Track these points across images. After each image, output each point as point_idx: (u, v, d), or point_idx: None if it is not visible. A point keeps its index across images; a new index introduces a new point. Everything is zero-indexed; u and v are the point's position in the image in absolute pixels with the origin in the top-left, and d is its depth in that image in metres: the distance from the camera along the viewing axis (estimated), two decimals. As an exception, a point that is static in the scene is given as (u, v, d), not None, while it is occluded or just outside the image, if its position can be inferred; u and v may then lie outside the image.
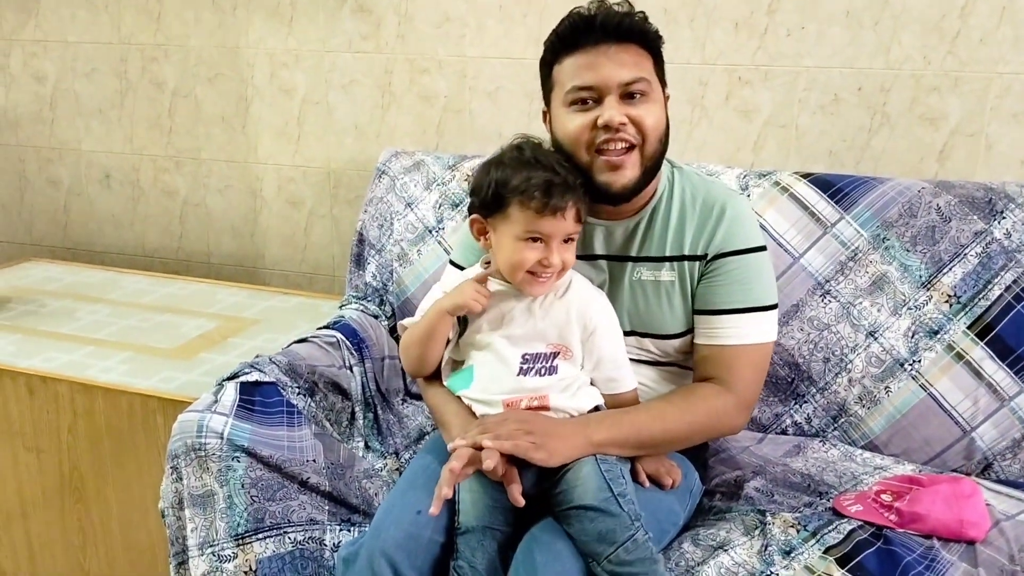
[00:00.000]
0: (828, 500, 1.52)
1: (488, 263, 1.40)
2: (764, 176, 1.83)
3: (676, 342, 1.44)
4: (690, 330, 1.44)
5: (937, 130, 1.90)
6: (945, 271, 1.69)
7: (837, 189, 1.77)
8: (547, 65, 1.41)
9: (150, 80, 2.52)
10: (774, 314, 1.42)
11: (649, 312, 1.43)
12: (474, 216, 1.37)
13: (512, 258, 1.32)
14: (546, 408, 1.34)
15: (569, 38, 1.35)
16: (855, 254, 1.74)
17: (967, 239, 1.69)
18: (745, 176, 1.84)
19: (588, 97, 1.33)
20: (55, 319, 2.18)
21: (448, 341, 1.42)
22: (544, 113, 1.44)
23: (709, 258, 1.40)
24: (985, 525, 1.37)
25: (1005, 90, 1.83)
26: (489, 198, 1.32)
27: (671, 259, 1.42)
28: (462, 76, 2.20)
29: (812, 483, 1.58)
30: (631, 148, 1.33)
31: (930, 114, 1.89)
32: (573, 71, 1.34)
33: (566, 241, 1.32)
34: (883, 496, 1.45)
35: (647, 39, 1.36)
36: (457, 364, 1.43)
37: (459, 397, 1.40)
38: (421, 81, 2.24)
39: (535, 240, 1.30)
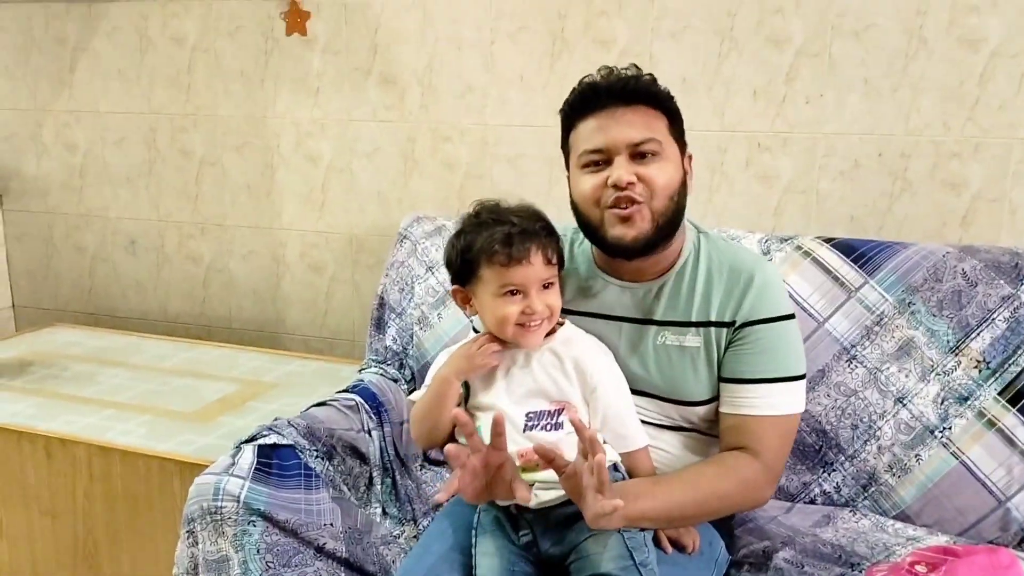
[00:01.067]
0: (860, 571, 1.47)
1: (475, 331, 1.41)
2: (786, 240, 1.82)
3: (700, 409, 1.41)
4: (715, 397, 1.41)
5: (959, 196, 1.89)
6: (973, 336, 1.67)
7: (860, 253, 1.76)
8: (565, 132, 1.43)
9: (178, 149, 2.57)
10: (803, 384, 1.39)
11: (673, 377, 1.40)
12: (454, 288, 1.39)
13: (496, 315, 1.32)
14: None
15: (579, 105, 1.38)
16: (881, 319, 1.72)
17: (994, 304, 1.67)
18: (767, 240, 1.83)
19: (599, 159, 1.35)
20: (76, 383, 2.19)
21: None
22: (568, 178, 1.45)
23: (737, 325, 1.38)
24: (1026, 598, 1.31)
25: (1027, 155, 1.83)
26: (460, 266, 1.36)
27: (697, 324, 1.39)
28: (483, 143, 2.23)
29: (843, 554, 1.53)
30: (640, 204, 1.34)
31: (952, 180, 1.89)
32: (585, 135, 1.37)
33: (546, 287, 1.33)
34: (918, 567, 1.40)
35: (657, 100, 1.37)
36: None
37: None
38: (443, 149, 2.28)
39: (512, 293, 1.31)
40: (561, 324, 1.40)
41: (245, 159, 2.50)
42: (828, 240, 1.81)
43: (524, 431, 1.31)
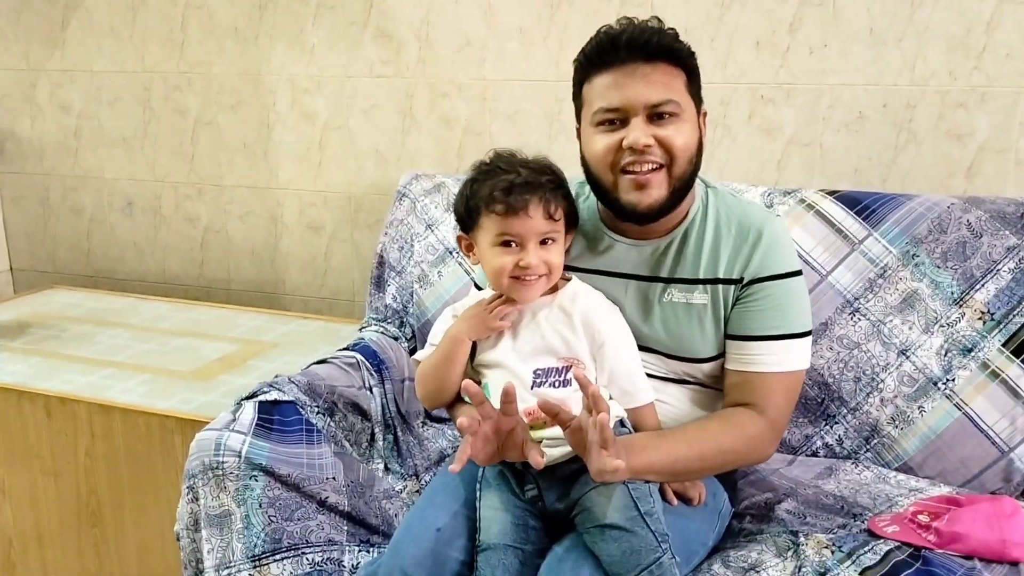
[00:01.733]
0: (863, 522, 1.47)
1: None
2: (789, 194, 1.80)
3: (706, 366, 1.40)
4: (721, 354, 1.40)
5: (965, 146, 1.87)
6: (978, 287, 1.65)
7: (864, 206, 1.74)
8: (577, 84, 1.38)
9: (173, 108, 2.54)
10: (808, 341, 1.39)
11: (680, 335, 1.39)
12: (459, 234, 1.38)
13: (493, 265, 1.31)
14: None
15: (596, 57, 1.32)
16: (884, 271, 1.70)
17: (999, 254, 1.65)
18: (770, 194, 1.81)
19: (615, 118, 1.31)
20: (75, 343, 2.18)
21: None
22: (577, 131, 1.42)
23: (745, 282, 1.36)
24: (1029, 545, 1.31)
25: (1034, 105, 1.80)
26: (464, 213, 1.34)
27: (704, 282, 1.37)
28: (482, 99, 2.20)
29: (845, 505, 1.53)
30: (659, 168, 1.31)
31: (957, 130, 1.86)
32: (601, 91, 1.32)
33: (545, 242, 1.30)
34: (920, 517, 1.40)
35: (679, 57, 1.32)
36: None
37: None
38: (441, 105, 2.24)
39: (508, 244, 1.29)
40: (567, 280, 1.38)
41: (241, 118, 2.47)
42: (832, 193, 1.79)
43: (532, 388, 1.30)
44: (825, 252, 1.73)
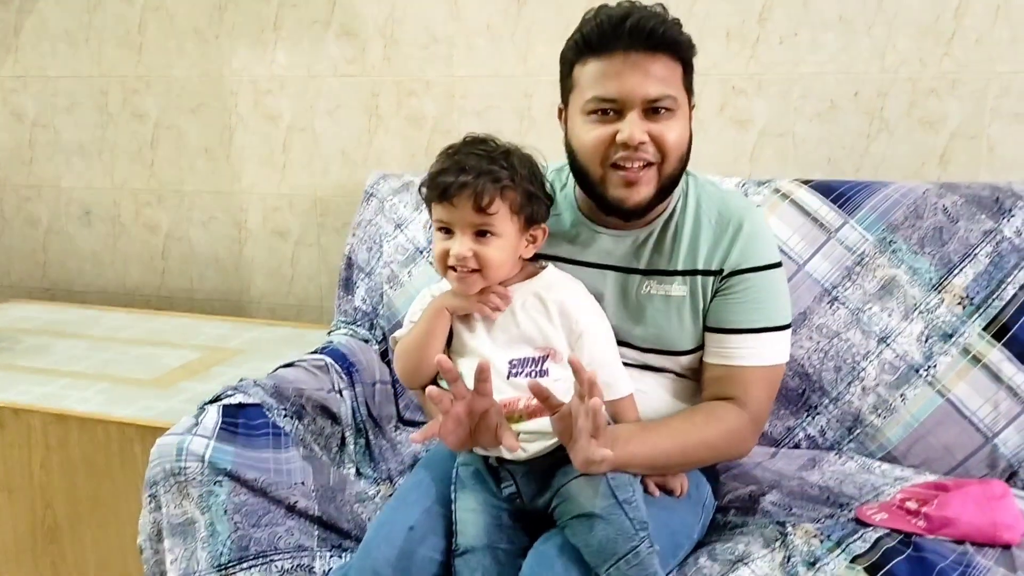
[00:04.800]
0: (849, 511, 1.43)
1: None
2: (763, 184, 1.78)
3: (684, 359, 1.37)
4: (700, 347, 1.36)
5: (937, 133, 1.86)
6: (956, 272, 1.63)
7: (839, 194, 1.72)
8: (568, 64, 1.31)
9: (131, 113, 2.47)
10: (788, 334, 1.35)
11: (657, 327, 1.35)
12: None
13: (434, 251, 1.28)
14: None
15: (596, 40, 1.25)
16: (861, 258, 1.68)
17: (976, 239, 1.64)
18: (744, 185, 1.79)
19: (609, 108, 1.25)
20: (30, 355, 2.09)
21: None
22: (560, 110, 1.36)
23: (724, 274, 1.32)
24: (1020, 527, 1.29)
25: (1004, 90, 1.80)
26: (423, 193, 1.29)
27: (683, 273, 1.34)
28: (450, 96, 2.16)
29: (831, 495, 1.49)
30: (649, 165, 1.26)
31: (929, 117, 1.86)
32: (595, 77, 1.25)
33: (483, 234, 1.23)
34: (908, 503, 1.37)
35: (679, 49, 1.27)
36: None
37: None
38: (408, 103, 2.20)
39: (445, 231, 1.25)
40: (543, 268, 1.34)
41: (202, 121, 2.40)
42: (806, 182, 1.76)
43: (508, 378, 1.26)
44: (801, 241, 1.71)
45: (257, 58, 2.30)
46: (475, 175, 1.21)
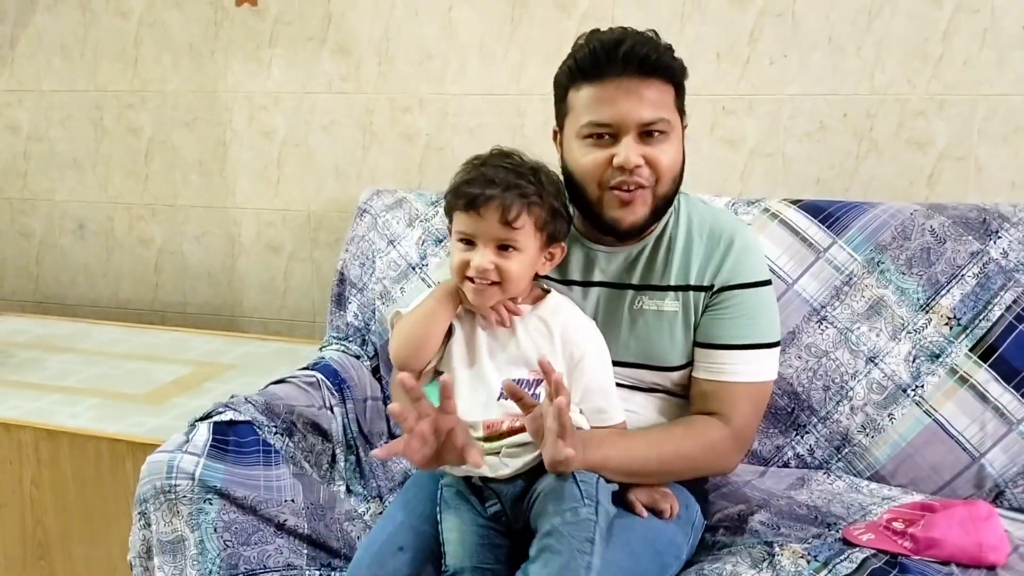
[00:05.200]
0: (837, 531, 1.44)
1: None
2: (753, 203, 1.79)
3: (675, 374, 1.38)
4: (690, 363, 1.37)
5: (925, 154, 1.88)
6: (943, 293, 1.65)
7: (828, 214, 1.74)
8: (562, 88, 1.33)
9: (126, 127, 2.48)
10: (776, 352, 1.37)
11: (650, 342, 1.36)
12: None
13: (452, 260, 1.27)
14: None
15: (589, 66, 1.27)
16: (850, 279, 1.69)
17: (963, 260, 1.65)
18: (734, 204, 1.80)
19: (604, 132, 1.27)
20: (21, 369, 2.10)
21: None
22: (555, 132, 1.38)
23: (715, 289, 1.34)
24: (1005, 549, 1.30)
25: (992, 111, 1.82)
26: (445, 203, 1.29)
27: (675, 289, 1.35)
28: (443, 114, 2.18)
29: (819, 515, 1.50)
30: (644, 187, 1.28)
31: (917, 138, 1.87)
32: (590, 102, 1.28)
33: (506, 248, 1.23)
34: (895, 524, 1.38)
35: (672, 73, 1.29)
36: (438, 373, 1.34)
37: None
38: (402, 120, 2.21)
39: (466, 242, 1.25)
40: (547, 292, 1.34)
41: (196, 136, 2.41)
42: (795, 202, 1.78)
43: (499, 399, 1.26)
44: (791, 261, 1.72)
45: (252, 74, 2.31)
46: (503, 188, 1.22)
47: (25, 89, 2.55)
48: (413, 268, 1.97)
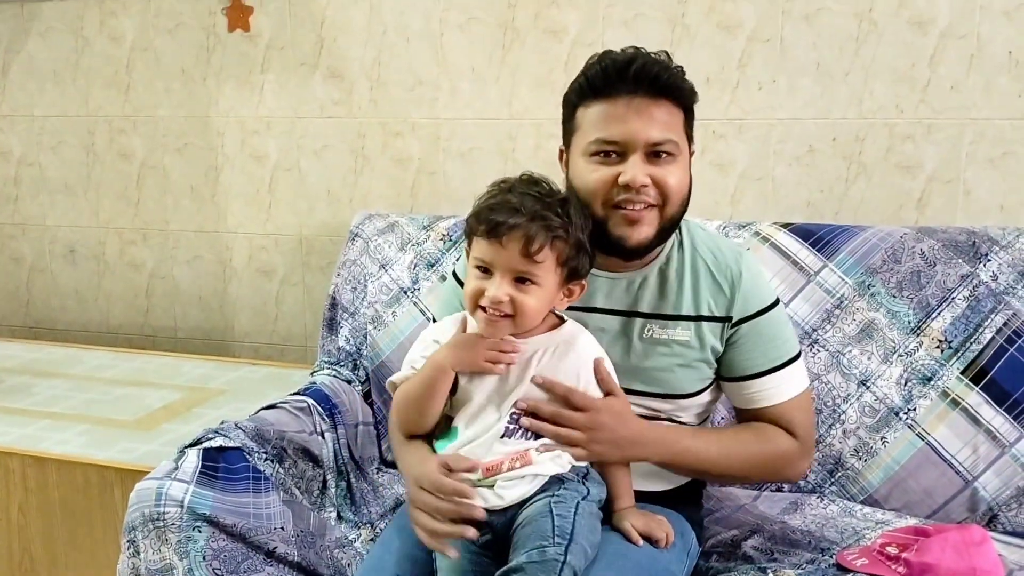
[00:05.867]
0: (831, 556, 1.43)
1: None
2: (744, 227, 1.80)
3: (685, 402, 1.37)
4: (703, 390, 1.38)
5: (914, 178, 1.89)
6: (934, 316, 1.65)
7: (818, 237, 1.75)
8: (571, 106, 1.33)
9: (118, 152, 2.48)
10: (802, 360, 1.41)
11: (659, 370, 1.35)
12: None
13: (467, 288, 1.23)
14: (529, 463, 1.25)
15: (600, 84, 1.27)
16: (841, 302, 1.70)
17: (953, 283, 1.66)
18: (725, 228, 1.81)
19: (611, 150, 1.26)
20: (9, 395, 2.08)
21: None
22: (561, 152, 1.38)
23: (734, 322, 1.35)
24: (999, 573, 1.29)
25: (979, 136, 1.83)
26: (466, 226, 1.26)
27: (687, 318, 1.35)
28: (435, 138, 2.18)
29: (813, 540, 1.49)
30: (650, 206, 1.28)
31: (906, 162, 1.89)
32: (598, 120, 1.27)
33: (523, 281, 1.20)
34: (889, 548, 1.37)
35: (682, 95, 1.30)
36: (447, 419, 1.30)
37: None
38: (394, 144, 2.22)
39: (483, 270, 1.21)
40: (563, 321, 1.31)
41: (188, 161, 2.41)
42: (785, 225, 1.79)
43: (502, 437, 1.23)
44: (782, 284, 1.73)
45: (244, 99, 2.32)
46: (529, 218, 1.17)
47: (17, 114, 2.55)
48: (405, 292, 1.97)
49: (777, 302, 1.39)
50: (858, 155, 1.91)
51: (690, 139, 1.33)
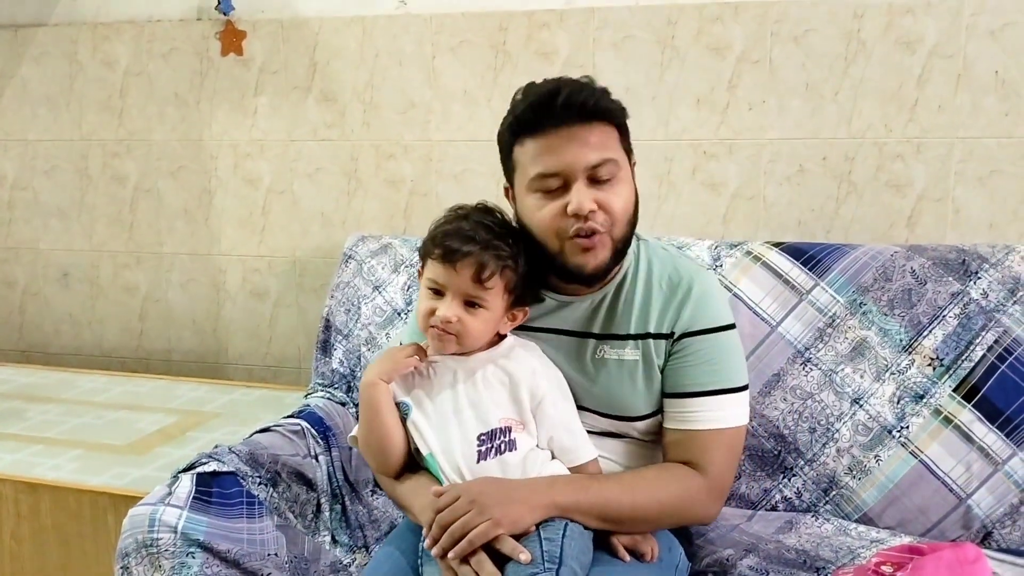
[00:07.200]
0: (826, 575, 1.43)
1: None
2: (736, 246, 1.81)
3: (640, 424, 1.37)
4: (656, 412, 1.37)
5: (904, 196, 1.90)
6: (925, 334, 1.66)
7: (810, 256, 1.75)
8: (506, 144, 1.35)
9: (111, 176, 2.49)
10: (746, 395, 1.36)
11: (611, 392, 1.36)
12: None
13: (419, 308, 1.31)
14: None
15: (530, 120, 1.29)
16: (833, 320, 1.70)
17: (944, 301, 1.66)
18: (717, 247, 1.82)
19: (553, 184, 1.28)
20: (2, 420, 2.08)
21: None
22: (506, 189, 1.39)
23: (676, 337, 1.34)
24: (994, 592, 1.29)
25: (968, 154, 1.85)
26: (421, 249, 1.32)
27: (635, 337, 1.35)
28: (428, 160, 2.20)
29: (808, 559, 1.49)
30: (601, 233, 1.29)
31: (896, 181, 1.90)
32: (535, 155, 1.28)
33: (473, 305, 1.26)
34: (883, 567, 1.36)
35: (612, 116, 1.31)
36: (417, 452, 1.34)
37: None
38: (387, 166, 2.23)
39: (435, 292, 1.28)
40: (503, 337, 1.35)
41: (181, 184, 2.42)
42: (777, 244, 1.80)
43: (478, 461, 1.26)
44: (774, 303, 1.73)
45: (237, 123, 2.33)
46: (482, 247, 1.25)
47: (11, 139, 2.56)
48: (399, 314, 1.97)
49: (730, 327, 1.36)
50: (848, 174, 1.93)
51: (628, 152, 1.34)
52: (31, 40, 2.47)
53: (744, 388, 1.36)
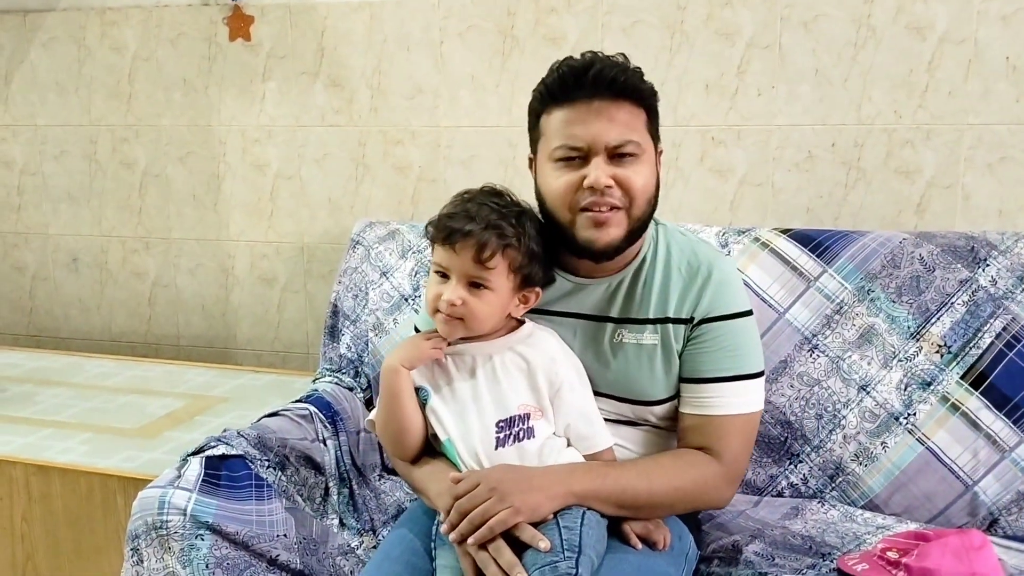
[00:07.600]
0: (831, 561, 1.44)
1: None
2: (744, 233, 1.81)
3: (658, 408, 1.37)
4: (673, 396, 1.37)
5: (913, 183, 1.89)
6: (933, 321, 1.66)
7: (818, 243, 1.75)
8: (535, 114, 1.35)
9: (120, 161, 2.49)
10: (762, 381, 1.37)
11: (629, 376, 1.36)
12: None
13: (427, 292, 1.30)
14: None
15: (559, 90, 1.29)
16: (840, 307, 1.70)
17: (952, 288, 1.66)
18: (724, 233, 1.81)
19: (575, 155, 1.28)
20: (12, 404, 2.09)
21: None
22: (530, 160, 1.39)
23: (695, 322, 1.34)
24: (1000, 578, 1.29)
25: (977, 141, 1.84)
26: (426, 232, 1.32)
27: (654, 322, 1.35)
28: (435, 146, 2.19)
29: (814, 545, 1.50)
30: (616, 208, 1.28)
31: (905, 167, 1.89)
32: (561, 126, 1.29)
33: (474, 285, 1.25)
34: (889, 553, 1.37)
35: (642, 96, 1.30)
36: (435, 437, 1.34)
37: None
38: (395, 152, 2.23)
39: (442, 276, 1.28)
40: (521, 323, 1.35)
41: (190, 169, 2.42)
42: (785, 231, 1.79)
43: (497, 448, 1.27)
44: (781, 290, 1.73)
45: (245, 108, 2.33)
46: (483, 227, 1.24)
47: (20, 124, 2.56)
48: (406, 299, 1.98)
49: (748, 313, 1.36)
50: (857, 161, 1.92)
51: (656, 138, 1.34)
52: (40, 25, 2.47)
53: (761, 374, 1.36)
